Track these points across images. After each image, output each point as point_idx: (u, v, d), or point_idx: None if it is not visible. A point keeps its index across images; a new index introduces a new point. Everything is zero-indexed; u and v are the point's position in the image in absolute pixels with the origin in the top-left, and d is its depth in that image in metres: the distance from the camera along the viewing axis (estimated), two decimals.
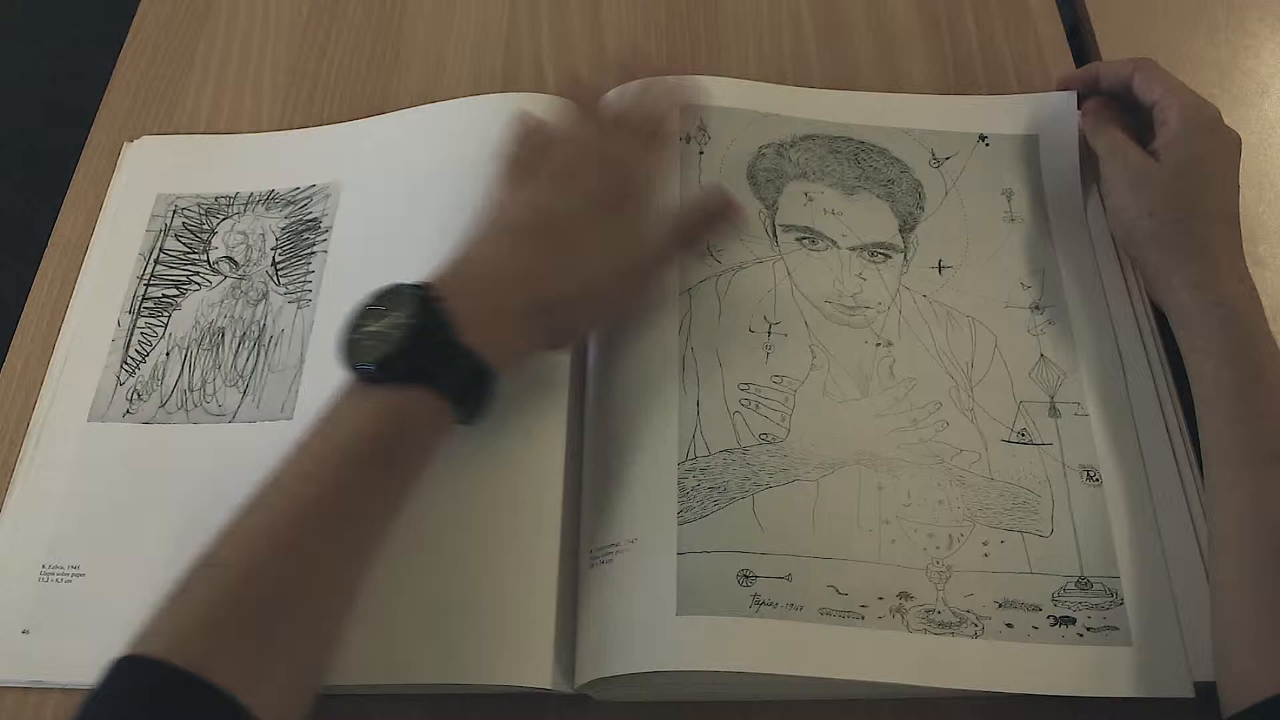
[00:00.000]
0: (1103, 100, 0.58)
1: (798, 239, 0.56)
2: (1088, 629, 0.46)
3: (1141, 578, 0.47)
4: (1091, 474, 0.49)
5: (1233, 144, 0.53)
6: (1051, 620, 0.46)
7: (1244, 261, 0.50)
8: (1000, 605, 0.46)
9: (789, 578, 0.45)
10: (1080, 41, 0.67)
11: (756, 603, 0.45)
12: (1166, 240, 0.51)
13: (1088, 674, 0.45)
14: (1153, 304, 0.54)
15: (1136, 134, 0.56)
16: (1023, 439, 0.50)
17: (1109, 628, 0.46)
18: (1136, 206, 0.52)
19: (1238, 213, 0.52)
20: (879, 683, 0.44)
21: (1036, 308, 0.54)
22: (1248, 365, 0.46)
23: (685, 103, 0.58)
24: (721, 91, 0.60)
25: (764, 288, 0.54)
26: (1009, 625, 0.46)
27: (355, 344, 0.43)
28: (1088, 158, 0.58)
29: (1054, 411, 0.51)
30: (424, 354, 0.42)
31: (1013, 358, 0.53)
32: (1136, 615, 0.46)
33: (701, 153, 0.58)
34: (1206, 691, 0.44)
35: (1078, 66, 0.64)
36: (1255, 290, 0.49)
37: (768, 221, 0.56)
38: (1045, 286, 0.55)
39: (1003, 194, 0.58)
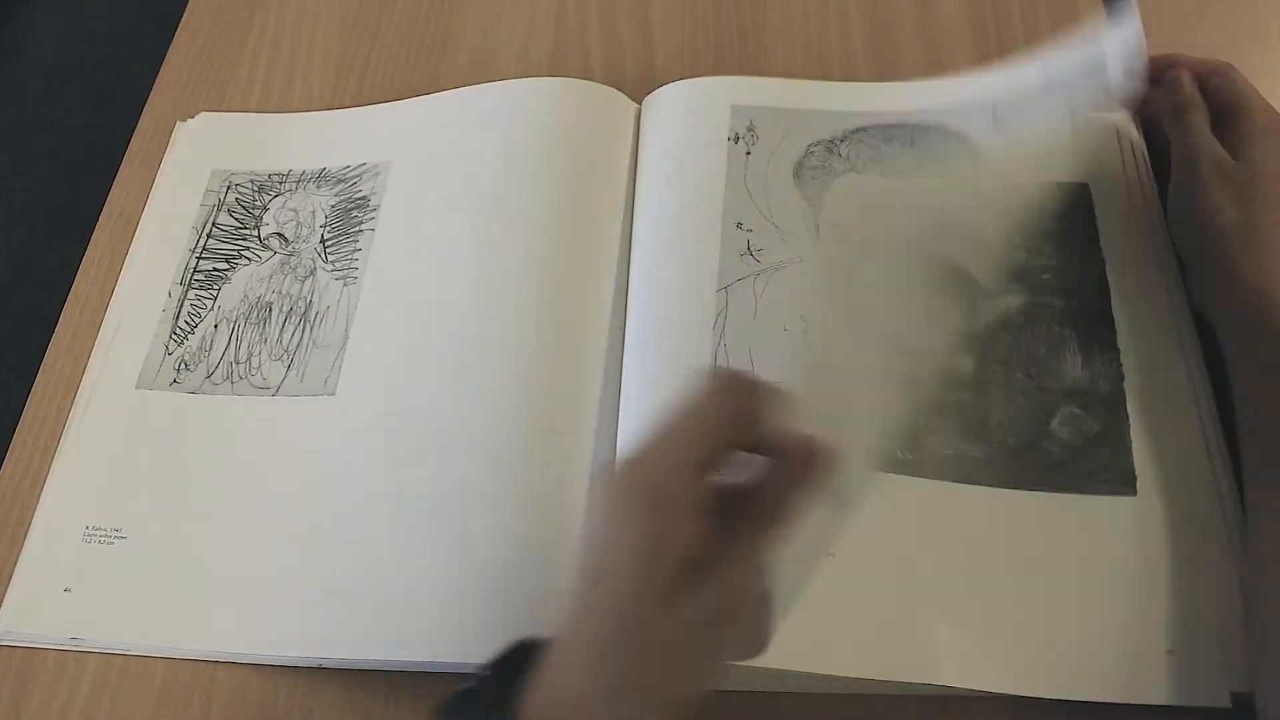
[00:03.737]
0: (1192, 77, 0.54)
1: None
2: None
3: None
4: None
5: None
6: None
7: None
8: None
9: None
10: None
11: None
12: (1239, 239, 0.49)
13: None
14: (1196, 315, 0.52)
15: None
16: None
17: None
18: (1212, 202, 0.50)
19: None
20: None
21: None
22: None
23: None
24: (770, 92, 0.60)
25: (802, 287, 0.53)
26: None
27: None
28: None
29: None
30: None
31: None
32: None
33: (749, 153, 0.58)
34: (1240, 702, 0.43)
35: None
36: None
37: (812, 220, 0.56)
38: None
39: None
